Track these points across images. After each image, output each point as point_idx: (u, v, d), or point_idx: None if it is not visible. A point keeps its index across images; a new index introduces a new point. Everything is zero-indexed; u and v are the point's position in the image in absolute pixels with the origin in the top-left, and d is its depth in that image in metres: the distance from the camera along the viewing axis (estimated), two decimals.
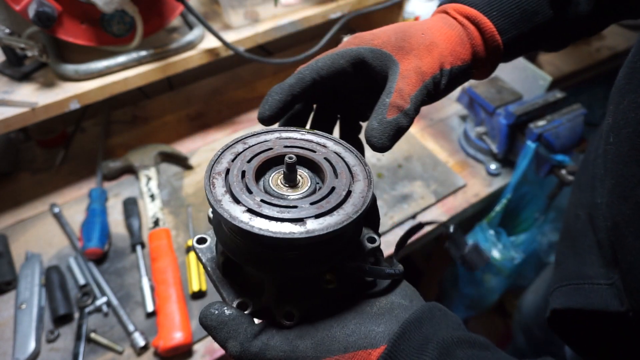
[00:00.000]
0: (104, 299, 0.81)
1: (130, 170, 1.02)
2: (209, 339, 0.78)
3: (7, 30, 0.77)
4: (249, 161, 0.40)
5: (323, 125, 0.49)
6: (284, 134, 0.44)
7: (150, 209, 0.93)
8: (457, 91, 1.16)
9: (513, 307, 1.46)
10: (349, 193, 0.38)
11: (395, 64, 0.43)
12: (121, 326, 0.79)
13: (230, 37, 0.92)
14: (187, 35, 0.90)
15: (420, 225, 0.47)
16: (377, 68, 0.44)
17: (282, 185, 0.40)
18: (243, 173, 0.39)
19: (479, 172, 1.05)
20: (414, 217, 0.96)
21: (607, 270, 0.50)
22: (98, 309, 0.80)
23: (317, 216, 0.36)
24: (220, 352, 0.77)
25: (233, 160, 0.41)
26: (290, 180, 0.40)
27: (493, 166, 1.04)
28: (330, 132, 0.49)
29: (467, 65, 0.45)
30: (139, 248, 0.88)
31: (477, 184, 1.03)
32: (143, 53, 0.86)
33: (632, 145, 0.43)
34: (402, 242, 0.47)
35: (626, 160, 0.44)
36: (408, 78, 0.42)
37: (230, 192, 0.38)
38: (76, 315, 0.80)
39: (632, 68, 0.45)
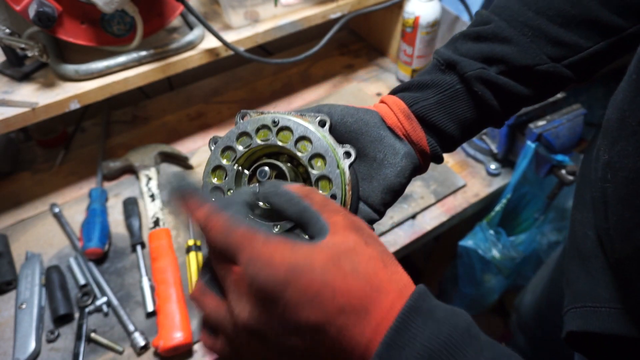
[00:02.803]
0: (104, 299, 0.81)
1: (131, 170, 1.02)
2: None
3: (8, 31, 0.77)
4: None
5: None
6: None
7: (151, 209, 0.93)
8: None
9: (513, 307, 1.46)
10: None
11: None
12: (121, 326, 0.79)
13: (230, 37, 0.92)
14: (187, 35, 0.90)
15: None
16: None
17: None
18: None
19: (479, 172, 1.05)
20: (413, 217, 0.96)
21: (622, 294, 0.49)
22: (98, 309, 0.81)
23: None
24: None
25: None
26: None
27: (493, 166, 1.04)
28: None
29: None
30: (139, 248, 0.88)
31: (477, 184, 1.03)
32: (143, 53, 0.86)
33: (629, 190, 0.43)
34: None
35: (624, 204, 0.44)
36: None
37: None
38: (76, 315, 0.80)
39: (622, 115, 0.43)
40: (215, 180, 0.45)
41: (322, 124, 0.44)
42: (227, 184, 0.44)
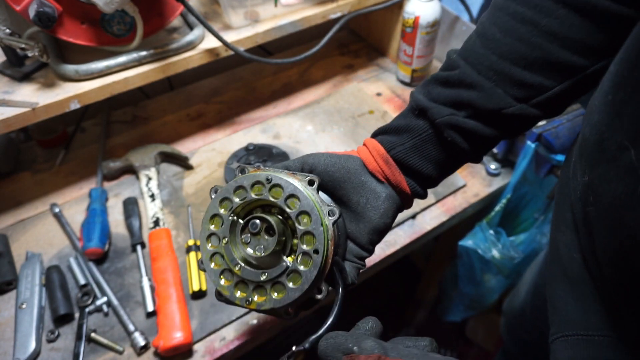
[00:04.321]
0: (104, 299, 0.81)
1: (131, 170, 1.02)
2: (209, 339, 0.78)
3: (8, 31, 0.77)
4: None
5: None
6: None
7: (151, 209, 0.93)
8: None
9: (502, 311, 1.46)
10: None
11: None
12: (121, 326, 0.79)
13: (230, 37, 0.92)
14: (187, 35, 0.90)
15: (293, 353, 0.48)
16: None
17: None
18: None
19: (479, 172, 1.05)
20: (413, 217, 0.96)
21: (615, 322, 0.47)
22: (98, 309, 0.81)
23: None
24: (220, 352, 0.77)
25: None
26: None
27: (493, 166, 1.04)
28: None
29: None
30: (139, 248, 0.88)
31: (477, 184, 1.03)
32: (143, 53, 0.86)
33: (613, 217, 0.41)
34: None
35: (610, 231, 0.42)
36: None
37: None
38: (76, 315, 0.80)
39: (601, 138, 0.42)
40: (212, 227, 0.49)
41: (310, 183, 0.48)
42: (222, 232, 0.49)
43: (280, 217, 0.48)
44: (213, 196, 0.50)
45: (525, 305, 0.94)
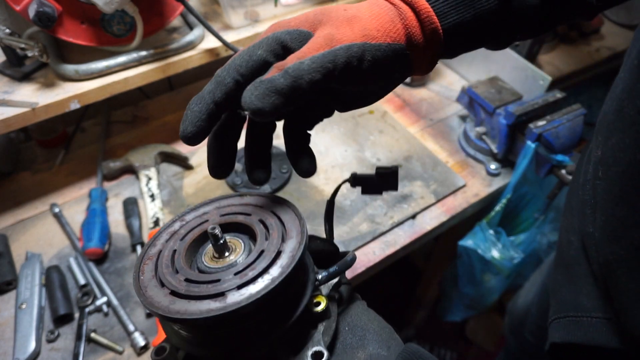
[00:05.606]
0: (104, 299, 0.81)
1: (131, 170, 1.02)
2: None
3: (8, 31, 0.77)
4: (182, 239, 0.39)
5: (260, 137, 0.42)
6: (223, 202, 0.42)
7: (151, 209, 0.93)
8: (457, 91, 1.16)
9: (506, 310, 1.46)
10: (278, 254, 0.35)
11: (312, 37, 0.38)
12: (121, 326, 0.79)
13: (230, 37, 0.92)
14: (187, 35, 0.90)
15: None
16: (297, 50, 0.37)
17: (212, 259, 0.37)
18: (174, 252, 0.38)
19: (479, 172, 1.05)
20: (413, 217, 0.96)
21: (604, 302, 0.48)
22: (98, 309, 0.81)
23: (240, 287, 0.33)
24: None
25: (167, 241, 0.39)
26: (219, 252, 0.37)
27: (493, 166, 1.04)
28: (269, 143, 0.43)
29: (399, 46, 0.38)
30: (139, 248, 0.88)
31: (477, 184, 1.03)
32: (143, 53, 0.86)
33: (622, 186, 0.41)
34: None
35: (617, 201, 0.42)
36: (313, 43, 0.36)
37: (156, 275, 0.36)
38: (76, 315, 0.80)
39: (621, 105, 0.42)
40: None
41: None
42: None
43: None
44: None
45: (531, 306, 0.94)
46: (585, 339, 0.49)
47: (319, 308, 0.38)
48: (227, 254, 0.37)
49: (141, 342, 0.75)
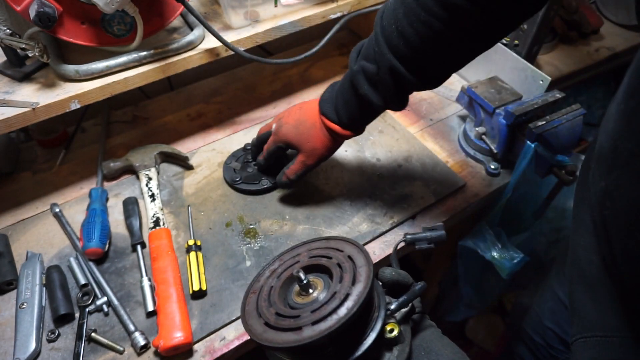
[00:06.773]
0: (105, 299, 0.81)
1: (131, 170, 1.02)
2: (209, 338, 0.78)
3: (8, 31, 0.77)
4: (278, 277, 0.49)
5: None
6: (314, 244, 0.53)
7: (151, 209, 0.93)
8: (456, 91, 1.16)
9: (507, 312, 1.46)
10: (346, 297, 0.43)
11: (299, 150, 0.86)
12: (122, 326, 0.79)
13: (230, 37, 0.92)
14: (187, 35, 0.90)
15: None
16: (294, 147, 0.86)
17: (299, 294, 0.47)
18: (271, 289, 0.48)
19: (479, 172, 1.05)
20: (413, 217, 0.96)
21: (632, 321, 0.48)
22: (99, 309, 0.81)
23: (314, 323, 0.41)
24: (220, 352, 0.77)
25: (268, 278, 0.50)
26: (304, 289, 0.46)
27: (493, 166, 1.04)
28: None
29: (333, 152, 0.86)
30: (139, 248, 0.88)
31: (476, 184, 1.03)
32: (143, 53, 0.86)
33: (629, 220, 0.42)
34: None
35: (626, 233, 0.43)
36: (296, 164, 0.87)
37: (257, 307, 0.46)
38: (77, 315, 0.80)
39: (614, 145, 0.44)
40: None
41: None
42: None
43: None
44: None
45: (538, 306, 0.94)
46: (617, 359, 0.49)
47: (392, 335, 0.45)
48: (310, 290, 0.46)
49: (141, 341, 0.75)
